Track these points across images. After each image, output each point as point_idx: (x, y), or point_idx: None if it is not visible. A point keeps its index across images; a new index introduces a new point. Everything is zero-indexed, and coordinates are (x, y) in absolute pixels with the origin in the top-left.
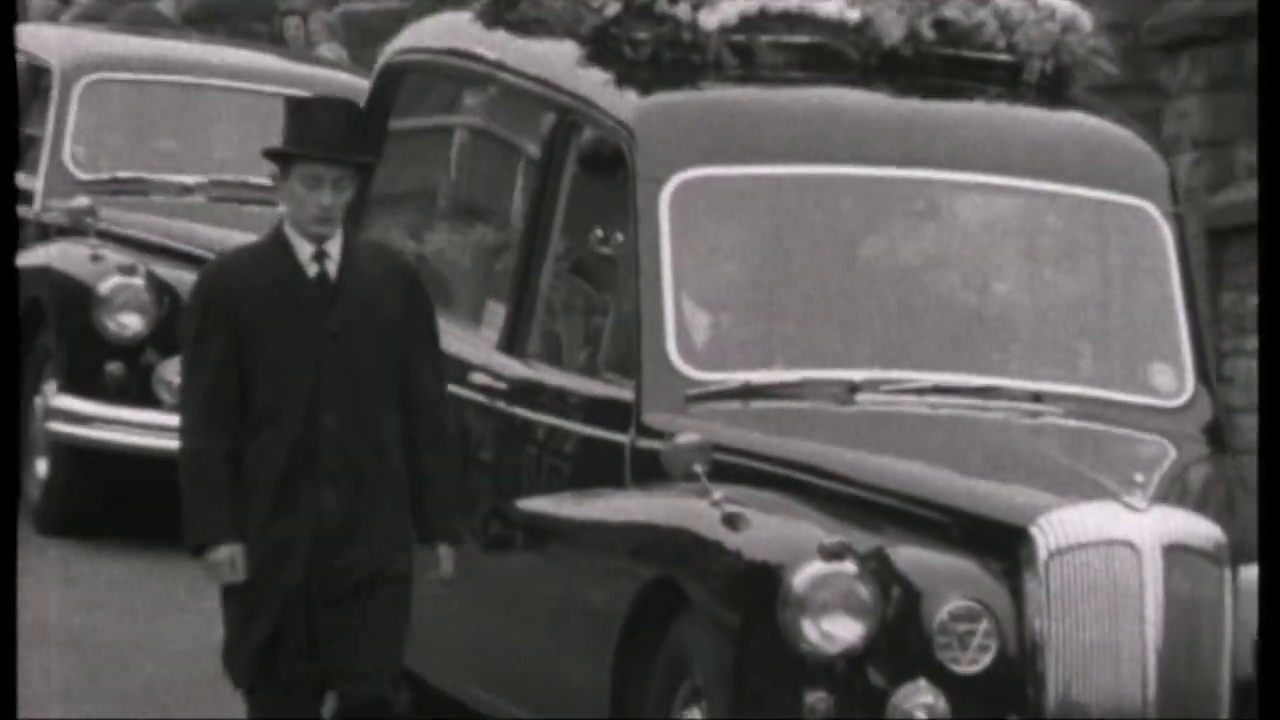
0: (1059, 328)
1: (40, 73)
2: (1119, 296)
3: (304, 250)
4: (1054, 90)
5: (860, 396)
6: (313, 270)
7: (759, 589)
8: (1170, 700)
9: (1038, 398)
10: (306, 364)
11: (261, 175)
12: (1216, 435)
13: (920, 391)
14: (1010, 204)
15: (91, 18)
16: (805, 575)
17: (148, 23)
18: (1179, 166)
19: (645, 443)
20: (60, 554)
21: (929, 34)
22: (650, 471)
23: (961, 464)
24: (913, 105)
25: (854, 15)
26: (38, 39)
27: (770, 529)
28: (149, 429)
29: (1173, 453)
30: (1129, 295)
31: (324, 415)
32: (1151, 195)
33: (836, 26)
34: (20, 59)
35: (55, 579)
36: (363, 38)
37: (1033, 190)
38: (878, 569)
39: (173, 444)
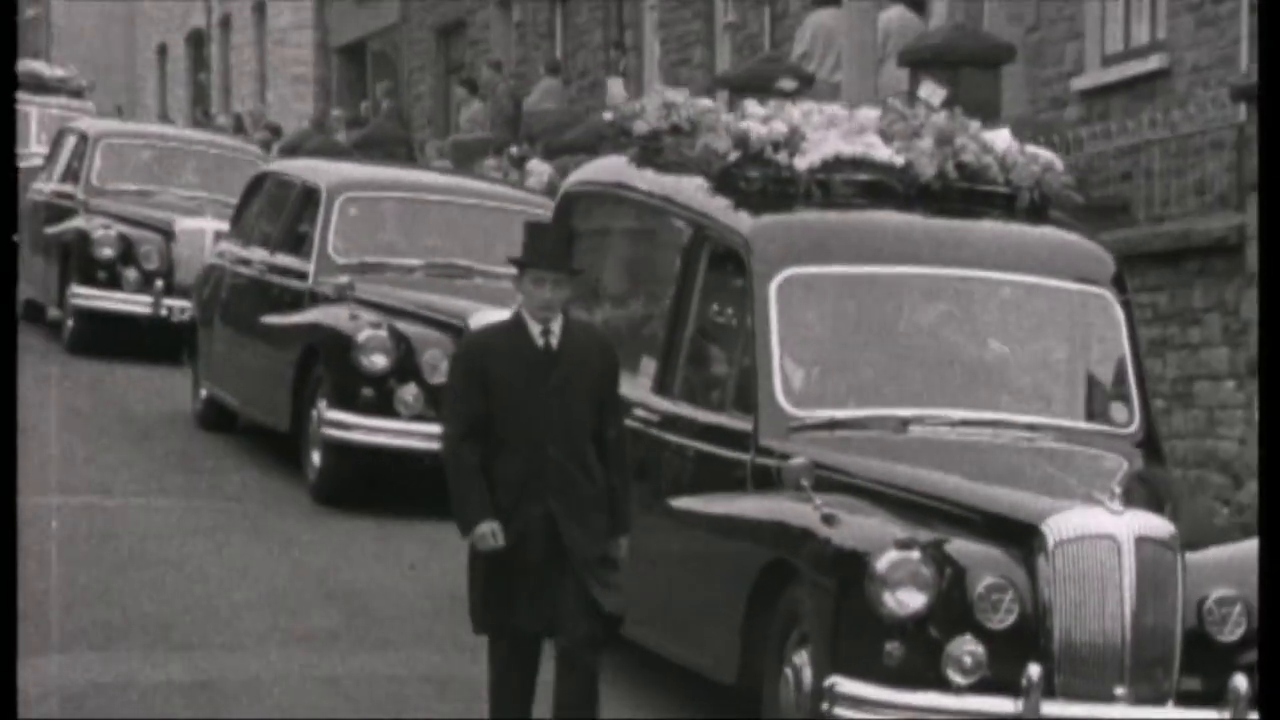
0: (1043, 378)
1: (311, 191)
2: (1084, 356)
3: (534, 329)
4: (1037, 212)
5: (911, 428)
6: (540, 343)
7: (850, 568)
8: (1140, 645)
9: (1033, 427)
10: (535, 409)
11: (459, 258)
12: (1157, 452)
13: (951, 424)
14: (1007, 292)
15: (293, 148)
16: (885, 560)
17: (330, 150)
18: None
19: (761, 460)
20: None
21: (952, 173)
22: (765, 480)
23: (987, 477)
24: (940, 223)
25: (900, 160)
26: (309, 169)
27: (857, 526)
28: (392, 433)
29: (1128, 466)
30: (1091, 355)
31: (548, 447)
32: (1107, 285)
33: (888, 168)
34: (296, 181)
35: (329, 541)
36: (464, 156)
37: (1023, 282)
38: (935, 555)
39: (408, 443)
